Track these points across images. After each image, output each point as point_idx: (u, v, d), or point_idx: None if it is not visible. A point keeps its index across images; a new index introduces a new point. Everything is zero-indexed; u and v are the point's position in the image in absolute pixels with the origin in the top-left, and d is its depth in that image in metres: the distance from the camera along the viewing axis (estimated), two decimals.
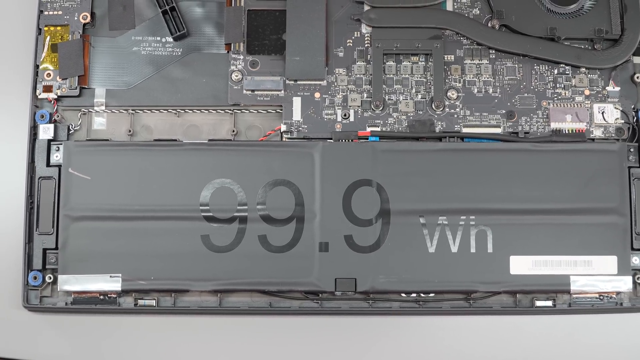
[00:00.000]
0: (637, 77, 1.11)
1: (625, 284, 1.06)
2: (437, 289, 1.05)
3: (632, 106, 1.10)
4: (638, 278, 1.07)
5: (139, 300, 1.06)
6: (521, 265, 1.05)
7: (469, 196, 1.06)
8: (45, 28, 1.11)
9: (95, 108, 1.10)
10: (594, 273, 1.06)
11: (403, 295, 1.06)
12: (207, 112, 1.10)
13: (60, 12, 1.11)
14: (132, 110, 1.10)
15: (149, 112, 1.10)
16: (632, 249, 1.07)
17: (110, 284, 1.05)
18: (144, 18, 1.12)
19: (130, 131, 1.10)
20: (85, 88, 1.10)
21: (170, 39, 1.11)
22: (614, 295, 1.07)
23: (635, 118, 1.10)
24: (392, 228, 1.05)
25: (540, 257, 1.06)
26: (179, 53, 1.11)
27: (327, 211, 1.05)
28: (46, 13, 1.11)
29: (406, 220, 1.06)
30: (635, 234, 1.07)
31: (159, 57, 1.11)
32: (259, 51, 1.10)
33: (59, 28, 1.11)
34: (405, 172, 1.06)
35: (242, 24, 1.11)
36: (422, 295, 1.06)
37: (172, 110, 1.10)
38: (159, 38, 1.11)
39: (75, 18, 1.11)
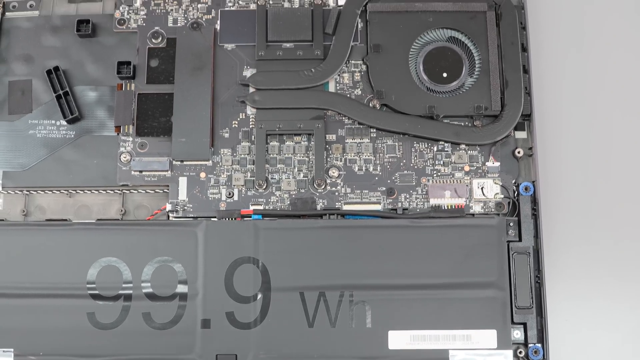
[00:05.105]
0: (518, 152, 1.12)
1: (505, 357, 1.07)
2: None
3: (513, 180, 1.12)
4: (520, 352, 1.09)
5: None
6: (399, 340, 1.07)
7: (349, 272, 1.08)
8: None
9: None
10: (473, 347, 1.07)
11: None
12: (97, 192, 1.14)
13: None
14: (27, 191, 1.14)
15: (42, 192, 1.14)
16: (513, 322, 1.08)
17: (3, 358, 1.08)
18: (40, 102, 1.16)
19: (24, 211, 1.13)
20: None
21: (64, 122, 1.14)
22: None
23: (515, 192, 1.12)
24: (272, 304, 1.07)
25: (418, 331, 1.07)
26: (72, 135, 1.14)
27: (210, 288, 1.08)
28: None
29: (287, 296, 1.08)
30: (516, 307, 1.08)
31: (53, 139, 1.14)
32: (148, 133, 1.13)
33: None
34: (286, 249, 1.09)
35: (132, 107, 1.14)
36: None
37: (64, 191, 1.14)
38: (53, 121, 1.15)
39: None
